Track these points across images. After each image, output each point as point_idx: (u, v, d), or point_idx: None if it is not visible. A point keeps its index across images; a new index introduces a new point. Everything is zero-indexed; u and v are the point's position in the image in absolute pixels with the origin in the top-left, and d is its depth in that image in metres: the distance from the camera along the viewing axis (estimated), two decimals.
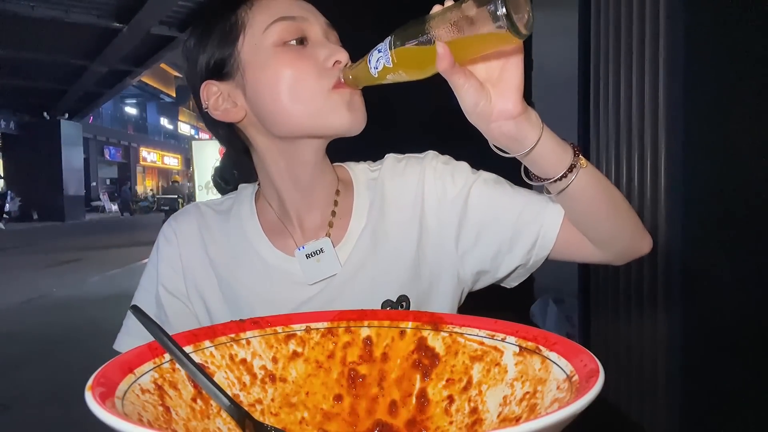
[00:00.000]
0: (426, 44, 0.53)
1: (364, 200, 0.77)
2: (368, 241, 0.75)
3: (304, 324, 0.56)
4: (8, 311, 5.40)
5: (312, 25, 0.70)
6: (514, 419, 0.44)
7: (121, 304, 0.73)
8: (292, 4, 0.71)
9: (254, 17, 0.69)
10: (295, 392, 0.54)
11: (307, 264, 0.73)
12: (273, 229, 0.77)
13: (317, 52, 0.68)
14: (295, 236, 0.76)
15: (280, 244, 0.76)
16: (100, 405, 0.35)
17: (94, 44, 11.38)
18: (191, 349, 0.50)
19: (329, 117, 0.68)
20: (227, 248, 0.77)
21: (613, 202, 0.65)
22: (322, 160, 0.75)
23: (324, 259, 0.73)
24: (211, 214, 0.81)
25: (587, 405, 0.34)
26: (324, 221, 0.76)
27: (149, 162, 31.98)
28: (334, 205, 0.77)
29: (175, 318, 0.76)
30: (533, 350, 0.47)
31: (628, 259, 0.71)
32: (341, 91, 0.68)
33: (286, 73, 0.67)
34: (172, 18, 9.94)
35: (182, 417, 0.44)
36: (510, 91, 0.55)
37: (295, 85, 0.67)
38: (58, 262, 8.61)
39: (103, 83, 14.92)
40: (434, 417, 0.51)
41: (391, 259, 0.74)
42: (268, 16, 0.69)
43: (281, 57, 0.68)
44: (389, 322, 0.56)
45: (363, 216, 0.76)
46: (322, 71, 0.67)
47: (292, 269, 0.74)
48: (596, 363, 0.39)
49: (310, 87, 0.67)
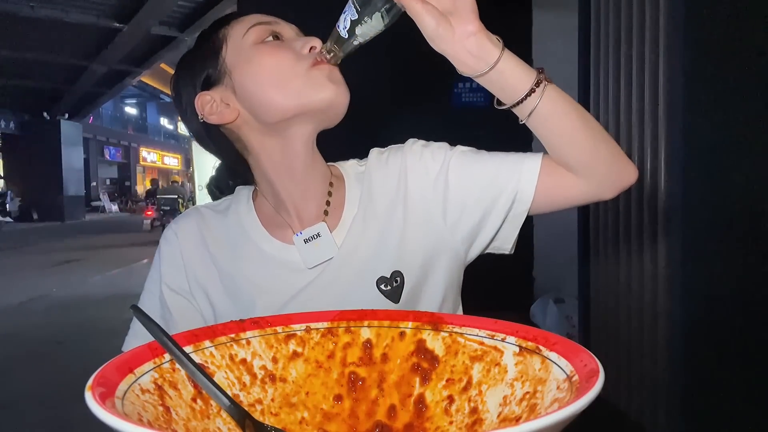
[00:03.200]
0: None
1: (355, 191, 0.82)
2: (360, 226, 0.79)
3: (304, 324, 0.56)
4: (8, 311, 5.40)
5: (284, 28, 0.79)
6: (514, 419, 0.44)
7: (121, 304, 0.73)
8: (264, 16, 0.79)
9: (233, 30, 0.78)
10: (295, 392, 0.54)
11: (305, 249, 0.77)
12: (270, 222, 0.81)
13: (293, 43, 0.76)
14: (292, 225, 0.80)
15: (278, 235, 0.80)
16: (100, 405, 0.35)
17: (94, 44, 11.38)
18: (191, 349, 0.50)
19: (313, 92, 0.73)
20: (227, 243, 0.81)
21: (585, 120, 0.67)
22: (313, 152, 0.80)
23: (321, 243, 0.77)
24: (210, 214, 0.85)
25: (587, 405, 0.34)
26: (319, 211, 0.81)
27: (149, 162, 31.97)
28: (328, 195, 0.82)
29: (180, 315, 0.79)
30: (533, 350, 0.47)
31: (615, 189, 0.71)
32: (320, 67, 0.73)
33: (268, 62, 0.74)
34: (172, 18, 9.94)
35: (182, 417, 0.44)
36: (466, 13, 0.61)
37: (277, 71, 0.74)
38: (58, 262, 8.61)
39: (103, 83, 14.92)
40: (434, 417, 0.51)
41: (381, 238, 0.78)
42: (245, 26, 0.77)
43: (262, 50, 0.75)
44: (389, 322, 0.56)
45: (354, 205, 0.81)
46: (300, 56, 0.74)
47: (290, 257, 0.78)
48: (596, 363, 0.39)
49: (291, 70, 0.73)
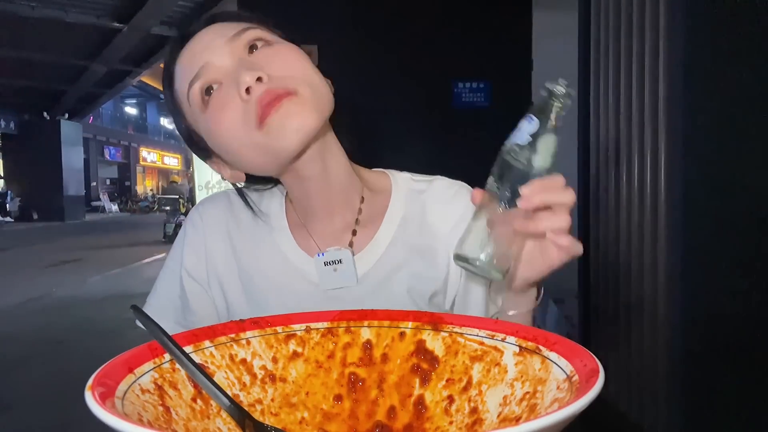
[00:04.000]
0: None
1: (398, 208, 0.77)
2: (395, 258, 0.74)
3: (304, 324, 0.56)
4: (8, 311, 5.39)
5: (216, 66, 0.67)
6: (514, 419, 0.44)
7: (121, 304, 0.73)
8: (193, 54, 0.68)
9: (179, 87, 0.70)
10: (295, 392, 0.54)
11: (323, 271, 0.73)
12: (298, 227, 0.78)
13: (229, 92, 0.65)
14: (315, 237, 0.76)
15: (303, 244, 0.76)
16: (100, 405, 0.35)
17: (94, 44, 11.37)
18: (191, 349, 0.50)
19: (278, 145, 0.65)
20: (252, 240, 0.78)
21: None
22: (329, 170, 0.73)
23: (341, 270, 0.73)
24: (239, 205, 0.80)
25: (587, 405, 0.34)
26: (346, 227, 0.76)
27: (149, 162, 31.97)
28: (359, 212, 0.76)
29: (196, 303, 0.78)
30: (533, 350, 0.47)
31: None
32: (268, 117, 0.63)
33: (223, 139, 0.67)
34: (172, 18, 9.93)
35: (182, 417, 0.44)
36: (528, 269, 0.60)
37: (236, 145, 0.67)
38: (58, 262, 8.61)
39: (103, 83, 14.90)
40: (434, 417, 0.51)
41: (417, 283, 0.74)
42: (184, 85, 0.69)
43: (209, 119, 0.67)
44: (389, 322, 0.56)
45: (393, 226, 0.76)
46: (245, 111, 0.64)
47: (311, 270, 0.75)
48: (596, 363, 0.39)
49: (245, 137, 0.65)
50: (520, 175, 0.55)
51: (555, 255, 0.57)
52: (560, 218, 0.55)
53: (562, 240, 0.56)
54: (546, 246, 0.57)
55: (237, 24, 0.70)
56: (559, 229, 0.55)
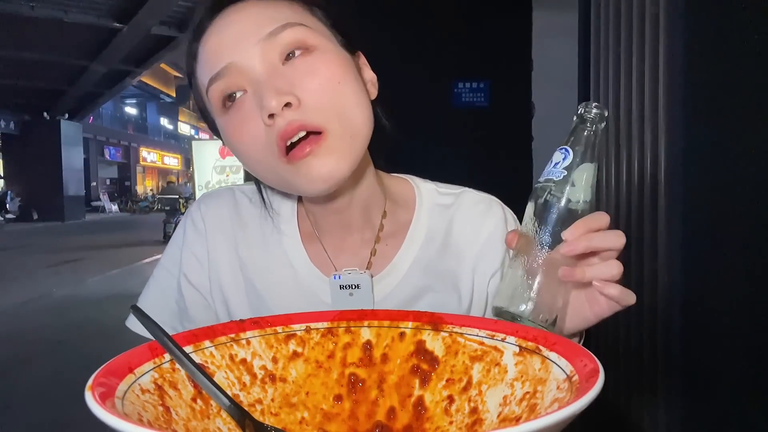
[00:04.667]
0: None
1: (422, 227, 0.70)
2: (415, 284, 0.68)
3: (304, 324, 0.56)
4: (8, 311, 5.39)
5: (241, 70, 0.59)
6: (514, 419, 0.44)
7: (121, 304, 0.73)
8: (220, 46, 0.60)
9: (200, 75, 0.63)
10: (295, 392, 0.54)
11: (338, 294, 0.67)
12: (312, 239, 0.71)
13: (253, 107, 0.58)
14: (330, 251, 0.70)
15: (316, 259, 0.70)
16: (100, 405, 0.35)
17: (94, 44, 11.38)
18: (191, 349, 0.50)
19: (293, 183, 0.60)
20: (261, 253, 0.71)
21: None
22: (356, 190, 0.67)
23: (357, 295, 0.67)
24: (246, 204, 0.73)
25: (587, 405, 0.34)
26: (365, 243, 0.70)
27: (149, 162, 31.97)
28: (380, 229, 0.70)
29: (195, 311, 0.71)
30: (533, 350, 0.47)
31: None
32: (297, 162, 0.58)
33: (240, 150, 0.61)
34: (172, 18, 9.94)
35: (182, 417, 0.44)
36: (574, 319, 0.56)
37: (251, 162, 0.62)
38: (58, 262, 8.61)
39: (103, 83, 14.91)
40: (434, 417, 0.51)
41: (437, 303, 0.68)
42: (205, 77, 0.62)
43: (228, 127, 0.61)
44: (389, 322, 0.56)
45: (416, 246, 0.70)
46: (263, 140, 0.58)
47: (324, 289, 0.68)
48: (596, 363, 0.39)
49: (264, 161, 0.60)
50: (558, 214, 0.51)
51: (605, 305, 0.52)
52: (609, 266, 0.50)
53: (611, 290, 0.50)
54: (594, 294, 0.52)
55: (276, 9, 0.61)
56: (609, 277, 0.50)
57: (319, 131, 0.58)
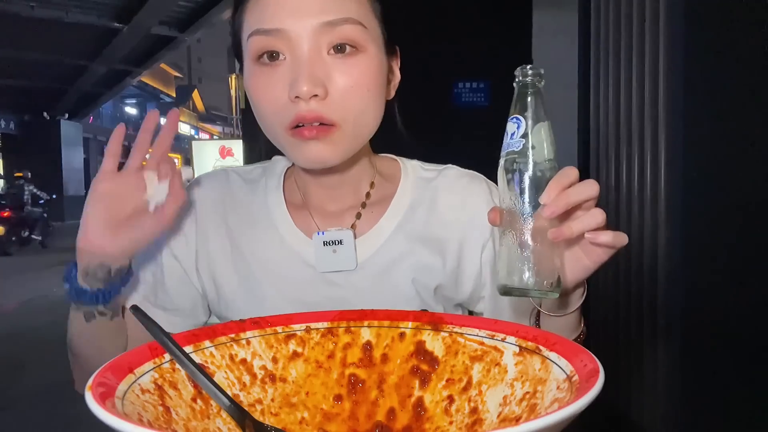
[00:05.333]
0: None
1: (406, 197, 0.74)
2: (398, 246, 0.71)
3: (304, 324, 0.56)
4: (8, 311, 5.39)
5: (290, 39, 0.61)
6: (514, 419, 0.44)
7: None
8: (278, 7, 0.62)
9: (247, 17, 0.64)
10: (295, 392, 0.54)
11: (321, 251, 0.70)
12: (297, 206, 0.75)
13: (287, 76, 0.61)
14: (316, 219, 0.73)
15: (301, 224, 0.73)
16: (100, 405, 0.35)
17: (94, 44, 11.36)
18: (191, 349, 0.50)
19: (289, 152, 0.66)
20: (247, 218, 0.75)
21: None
22: (347, 163, 0.70)
23: (341, 252, 0.70)
24: (238, 182, 0.78)
25: (587, 405, 0.34)
26: (350, 209, 0.74)
27: None
28: (366, 197, 0.74)
29: (172, 284, 0.74)
30: (533, 350, 0.47)
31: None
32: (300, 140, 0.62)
33: (257, 104, 0.65)
34: (172, 18, 9.93)
35: (182, 417, 0.44)
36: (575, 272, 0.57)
37: (262, 117, 0.65)
38: (58, 262, 8.60)
39: (103, 83, 14.89)
40: (434, 417, 0.51)
41: (421, 275, 0.71)
42: (250, 24, 0.64)
43: (253, 80, 0.64)
44: (389, 322, 0.56)
45: (399, 213, 0.73)
46: (281, 109, 0.62)
47: (308, 251, 0.71)
48: (596, 363, 0.39)
49: (274, 123, 0.64)
50: (530, 181, 0.52)
51: (600, 251, 0.54)
52: (593, 215, 0.52)
53: (602, 237, 0.52)
54: (587, 245, 0.54)
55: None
56: (595, 226, 0.52)
57: (332, 127, 0.62)
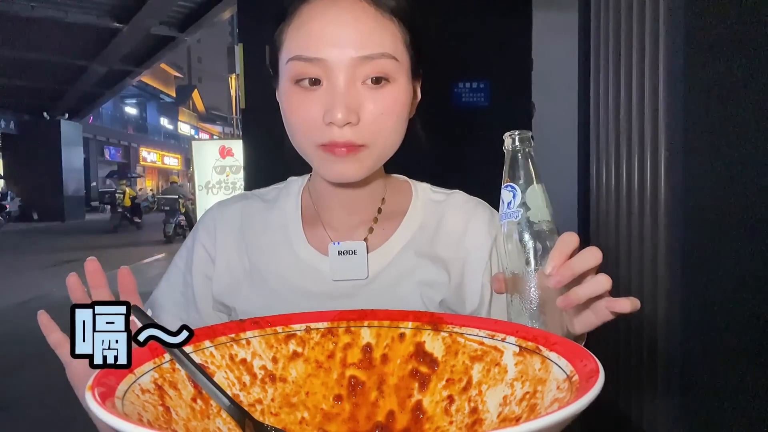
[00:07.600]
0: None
1: (416, 216, 0.78)
2: (408, 262, 0.75)
3: (304, 324, 0.56)
4: (8, 311, 5.39)
5: (329, 68, 0.64)
6: (514, 419, 0.44)
7: None
8: (320, 38, 0.65)
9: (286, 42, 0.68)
10: (295, 392, 0.54)
11: (336, 260, 0.74)
12: (312, 224, 0.79)
13: (323, 100, 0.65)
14: (329, 230, 0.78)
15: (315, 240, 0.77)
16: (100, 405, 0.35)
17: (94, 44, 11.37)
18: (191, 349, 0.50)
19: (316, 165, 0.70)
20: (264, 236, 0.79)
21: None
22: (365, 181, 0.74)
23: (354, 261, 0.74)
24: (257, 204, 0.82)
25: (587, 405, 0.34)
26: (364, 225, 0.78)
27: (149, 162, 31.95)
28: (378, 212, 0.78)
29: (203, 301, 0.78)
30: (533, 350, 0.47)
31: None
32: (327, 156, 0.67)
33: (289, 117, 0.69)
34: (172, 18, 9.93)
35: (182, 417, 0.44)
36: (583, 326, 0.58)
37: (292, 131, 0.69)
38: (58, 262, 8.60)
39: (103, 83, 14.90)
40: (434, 417, 0.51)
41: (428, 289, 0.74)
42: (290, 48, 0.67)
43: (289, 99, 0.68)
44: (389, 323, 0.56)
45: (409, 232, 0.77)
46: (314, 129, 0.66)
47: (322, 266, 0.75)
48: (596, 363, 0.39)
49: (301, 138, 0.68)
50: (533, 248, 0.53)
51: (609, 312, 0.56)
52: (599, 282, 0.53)
53: (620, 307, 0.54)
54: (596, 306, 0.55)
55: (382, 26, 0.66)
56: (602, 292, 0.53)
57: (361, 147, 0.66)
